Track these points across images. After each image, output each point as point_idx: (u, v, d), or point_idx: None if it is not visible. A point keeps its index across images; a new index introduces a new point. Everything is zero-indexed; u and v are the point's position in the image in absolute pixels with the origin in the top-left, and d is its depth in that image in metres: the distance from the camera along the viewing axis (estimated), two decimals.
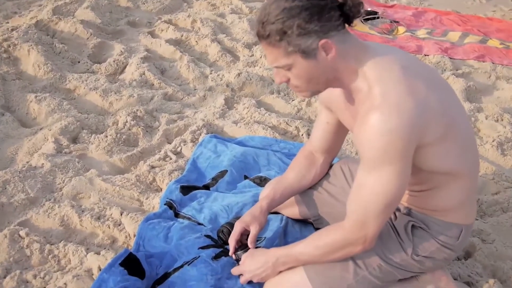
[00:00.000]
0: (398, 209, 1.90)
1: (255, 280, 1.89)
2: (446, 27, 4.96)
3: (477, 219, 2.51)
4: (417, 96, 1.51)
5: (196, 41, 4.30)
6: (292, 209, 2.23)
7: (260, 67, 3.91)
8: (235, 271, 1.96)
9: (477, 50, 4.43)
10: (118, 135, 3.03)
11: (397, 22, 4.96)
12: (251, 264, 1.89)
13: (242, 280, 1.93)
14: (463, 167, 1.69)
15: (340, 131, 2.03)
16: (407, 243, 1.80)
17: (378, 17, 4.93)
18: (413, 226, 1.83)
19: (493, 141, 3.09)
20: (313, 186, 2.15)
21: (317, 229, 2.19)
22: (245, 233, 2.01)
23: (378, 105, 1.51)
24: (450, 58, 4.26)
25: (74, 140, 3.03)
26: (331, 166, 2.18)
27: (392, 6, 5.47)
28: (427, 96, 1.53)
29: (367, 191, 1.60)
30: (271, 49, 1.55)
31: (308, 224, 2.30)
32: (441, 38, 4.69)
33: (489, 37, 4.73)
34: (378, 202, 1.58)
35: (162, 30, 4.51)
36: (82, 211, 2.43)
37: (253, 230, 1.97)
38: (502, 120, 3.38)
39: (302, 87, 1.63)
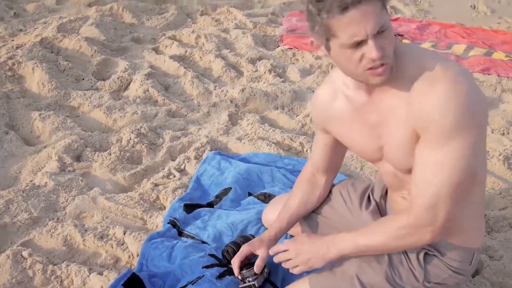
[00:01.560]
0: None
1: (303, 269, 1.77)
2: (450, 40, 4.95)
3: (484, 235, 2.48)
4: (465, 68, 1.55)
5: (200, 57, 4.31)
6: (295, 229, 2.20)
7: (264, 83, 3.90)
8: (280, 257, 1.82)
9: (483, 63, 4.41)
10: (122, 152, 3.02)
11: (401, 35, 4.95)
12: (299, 250, 1.78)
13: (291, 266, 1.79)
14: (483, 171, 1.66)
15: (339, 151, 2.00)
16: (418, 271, 1.75)
17: None
18: (425, 253, 1.79)
19: (499, 155, 3.06)
20: (316, 210, 2.12)
21: None
22: (250, 256, 1.99)
23: (442, 75, 1.47)
24: None
25: (78, 158, 3.02)
26: (333, 185, 2.16)
27: (396, 19, 5.47)
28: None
29: (437, 168, 1.49)
30: (374, 5, 1.41)
31: None
32: (446, 51, 4.68)
33: (494, 50, 4.71)
34: (452, 179, 1.48)
35: (166, 46, 4.52)
36: (85, 230, 2.42)
37: (263, 253, 1.95)
38: (508, 133, 3.35)
39: (390, 55, 1.49)
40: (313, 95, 1.89)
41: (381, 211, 2.02)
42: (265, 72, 4.08)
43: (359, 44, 1.44)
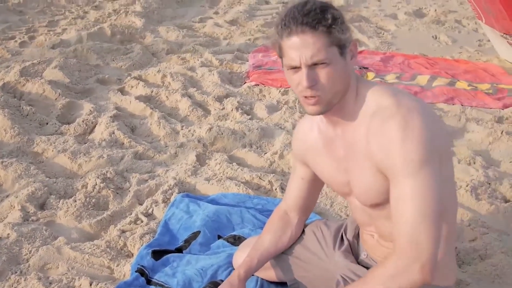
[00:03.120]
0: None
1: None
2: (414, 71, 5.03)
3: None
4: (428, 106, 1.60)
5: (167, 97, 4.29)
6: (267, 272, 2.18)
7: (232, 121, 3.89)
8: None
9: (446, 93, 4.48)
10: (88, 198, 2.96)
11: (366, 68, 5.01)
12: None
13: None
14: (454, 203, 1.69)
15: (314, 187, 2.01)
16: None
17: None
18: None
19: (467, 185, 3.08)
20: (287, 251, 2.10)
21: None
22: None
23: (395, 112, 1.54)
24: None
25: (42, 206, 2.95)
26: (305, 225, 2.15)
27: (360, 52, 5.54)
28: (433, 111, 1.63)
29: (409, 202, 1.50)
30: (316, 38, 1.53)
31: (284, 285, 2.23)
32: (410, 82, 4.74)
33: (457, 79, 4.79)
34: (425, 209, 1.49)
35: (132, 87, 4.49)
36: (50, 283, 2.34)
37: None
38: (474, 163, 3.38)
39: (326, 91, 1.57)
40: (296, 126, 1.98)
41: (353, 251, 2.01)
42: (232, 110, 4.07)
43: (297, 69, 1.58)
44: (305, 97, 1.59)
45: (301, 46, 1.54)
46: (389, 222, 1.59)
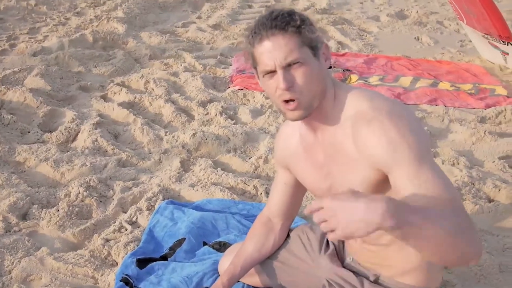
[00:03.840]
0: (366, 277, 1.84)
1: (339, 236, 1.27)
2: (397, 73, 5.05)
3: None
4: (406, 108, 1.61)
5: (150, 103, 4.26)
6: (253, 278, 2.17)
7: (216, 126, 3.87)
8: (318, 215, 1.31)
9: (429, 94, 4.50)
10: (71, 208, 2.92)
11: (349, 70, 5.02)
12: (337, 207, 1.28)
13: (327, 229, 1.29)
14: None
15: (298, 192, 2.00)
16: None
17: (330, 67, 4.98)
18: None
19: None
20: (272, 256, 2.09)
21: None
22: None
23: (373, 116, 1.54)
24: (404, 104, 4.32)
25: (24, 216, 2.90)
26: (290, 230, 2.14)
27: (343, 55, 5.56)
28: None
29: (437, 180, 1.44)
30: (287, 39, 1.54)
31: None
32: (393, 83, 4.76)
33: (440, 80, 4.82)
34: (450, 186, 1.46)
35: (115, 93, 4.45)
36: None
37: None
38: (458, 163, 3.40)
39: (304, 92, 1.57)
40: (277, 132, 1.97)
41: (339, 255, 2.01)
42: (216, 115, 4.05)
43: (273, 73, 1.57)
44: (285, 101, 1.58)
45: (273, 49, 1.55)
46: None
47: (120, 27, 6.16)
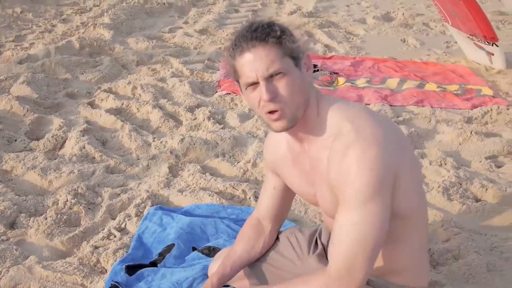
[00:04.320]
0: None
1: None
2: (384, 75, 5.08)
3: (430, 270, 2.49)
4: (385, 125, 1.60)
5: (138, 109, 4.25)
6: (242, 282, 2.16)
7: (204, 131, 3.87)
8: None
9: (416, 95, 4.53)
10: (59, 215, 2.91)
11: (336, 73, 5.04)
12: None
13: None
14: (422, 208, 1.72)
15: (287, 196, 2.03)
16: None
17: (317, 70, 5.00)
18: None
19: (438, 186, 3.11)
20: (261, 258, 2.09)
21: None
22: None
23: (355, 140, 1.54)
24: (390, 106, 4.34)
25: (12, 225, 2.89)
26: (279, 232, 2.14)
27: (330, 58, 5.58)
28: (391, 125, 1.65)
29: (354, 230, 1.54)
30: (268, 50, 1.55)
31: None
32: (380, 85, 4.79)
33: (426, 81, 4.85)
34: (368, 240, 1.53)
35: (102, 100, 4.44)
36: None
37: None
38: (445, 164, 3.42)
39: (288, 103, 1.58)
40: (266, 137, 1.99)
41: (327, 254, 2.01)
42: (204, 120, 4.05)
43: (255, 85, 1.58)
44: (269, 113, 1.60)
45: (254, 61, 1.56)
46: None
47: (107, 33, 6.14)
